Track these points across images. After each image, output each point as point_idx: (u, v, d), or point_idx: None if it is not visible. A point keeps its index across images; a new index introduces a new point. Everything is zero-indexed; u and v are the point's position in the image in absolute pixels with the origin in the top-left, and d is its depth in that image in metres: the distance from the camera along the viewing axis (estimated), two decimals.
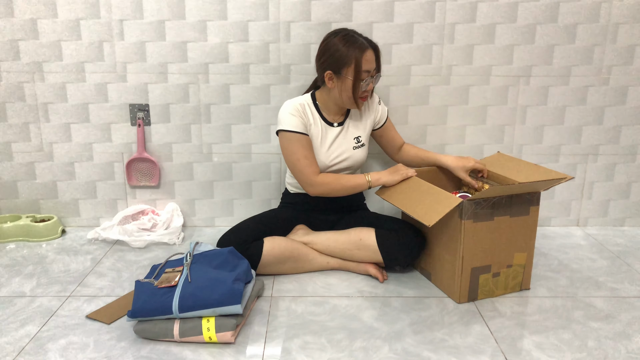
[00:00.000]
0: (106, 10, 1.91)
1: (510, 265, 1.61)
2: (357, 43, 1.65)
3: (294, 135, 1.70)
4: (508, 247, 1.59)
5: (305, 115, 1.74)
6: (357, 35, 1.68)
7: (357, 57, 1.64)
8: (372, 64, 1.67)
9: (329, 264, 1.76)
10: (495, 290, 1.62)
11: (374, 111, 1.86)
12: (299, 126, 1.70)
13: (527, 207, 1.58)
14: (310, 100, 1.78)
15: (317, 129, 1.76)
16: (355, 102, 1.71)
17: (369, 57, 1.66)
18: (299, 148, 1.70)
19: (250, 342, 1.37)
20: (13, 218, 2.06)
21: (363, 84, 1.67)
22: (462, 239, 1.53)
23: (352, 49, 1.64)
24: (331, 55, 1.67)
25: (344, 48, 1.65)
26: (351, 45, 1.65)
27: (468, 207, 1.50)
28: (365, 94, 1.72)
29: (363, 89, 1.69)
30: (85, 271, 1.76)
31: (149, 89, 1.99)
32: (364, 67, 1.65)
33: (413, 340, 1.38)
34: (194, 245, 1.57)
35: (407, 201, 1.62)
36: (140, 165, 2.07)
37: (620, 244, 2.03)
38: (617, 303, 1.58)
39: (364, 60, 1.64)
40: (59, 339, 1.38)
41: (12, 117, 2.00)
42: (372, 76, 1.69)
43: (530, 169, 1.70)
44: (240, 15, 1.92)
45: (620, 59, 2.00)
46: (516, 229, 1.58)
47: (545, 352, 1.34)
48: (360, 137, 1.82)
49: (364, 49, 1.65)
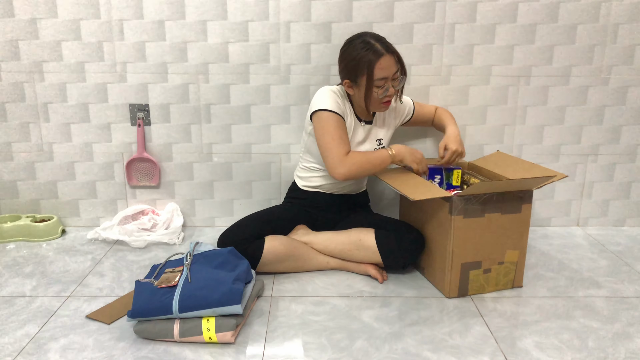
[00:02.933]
0: (106, 10, 1.91)
1: (502, 262, 1.62)
2: (372, 50, 1.61)
3: (331, 115, 1.66)
4: (499, 244, 1.60)
5: (344, 102, 1.73)
6: (373, 41, 1.62)
7: (370, 66, 1.60)
8: (389, 70, 1.63)
9: (329, 263, 1.76)
10: (486, 286, 1.63)
11: (400, 115, 1.89)
12: (338, 108, 1.68)
13: (519, 205, 1.59)
14: (345, 93, 1.76)
15: (350, 122, 1.75)
16: (373, 108, 1.71)
17: (385, 64, 1.61)
18: (336, 128, 1.66)
19: (250, 342, 1.37)
20: (13, 218, 2.06)
21: (381, 91, 1.64)
22: (452, 235, 1.54)
23: (365, 58, 1.61)
24: (347, 64, 1.66)
25: (359, 57, 1.62)
26: (365, 53, 1.61)
27: (458, 203, 1.51)
28: (387, 98, 1.69)
29: (382, 95, 1.66)
30: (85, 271, 1.76)
31: (149, 89, 1.99)
32: (378, 75, 1.61)
33: (413, 340, 1.39)
34: (194, 245, 1.57)
35: (398, 182, 1.64)
36: (140, 165, 2.07)
37: (620, 244, 2.03)
38: (617, 303, 1.58)
39: (377, 68, 1.61)
40: (59, 339, 1.38)
41: (12, 117, 2.00)
42: (394, 79, 1.66)
43: (525, 168, 1.71)
44: (240, 15, 1.92)
45: (620, 59, 2.00)
46: (508, 226, 1.59)
47: (545, 352, 1.34)
48: (382, 140, 1.83)
49: (379, 56, 1.60)
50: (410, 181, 1.65)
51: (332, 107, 1.67)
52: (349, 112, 1.75)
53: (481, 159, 1.89)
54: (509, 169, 1.72)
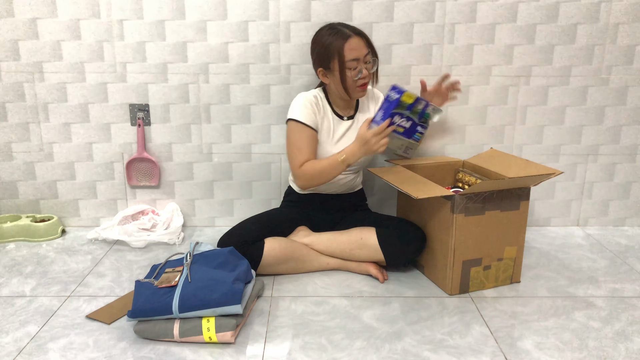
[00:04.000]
0: (106, 10, 1.91)
1: (501, 258, 1.64)
2: (340, 33, 1.65)
3: (297, 124, 1.71)
4: (499, 241, 1.62)
5: (318, 108, 1.75)
6: (340, 27, 1.67)
7: (339, 47, 1.64)
8: (359, 51, 1.66)
9: (329, 264, 1.76)
10: (486, 282, 1.64)
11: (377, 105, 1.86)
12: (309, 119, 1.71)
13: (518, 202, 1.61)
14: (322, 94, 1.80)
15: (329, 122, 1.77)
16: (351, 92, 1.71)
17: (354, 45, 1.65)
18: (299, 139, 1.71)
19: (250, 342, 1.37)
20: (13, 218, 2.06)
21: (354, 73, 1.67)
22: (454, 233, 1.55)
23: (334, 41, 1.65)
24: (317, 52, 1.70)
25: (327, 42, 1.66)
26: (333, 37, 1.66)
27: (460, 202, 1.52)
28: (362, 81, 1.70)
29: (356, 77, 1.68)
30: (85, 271, 1.76)
31: (149, 89, 1.99)
32: (349, 56, 1.65)
33: (413, 340, 1.38)
34: (194, 245, 1.57)
35: (399, 180, 1.64)
36: (140, 165, 2.07)
37: (621, 243, 2.03)
38: (617, 303, 1.58)
39: (347, 49, 1.64)
40: (59, 339, 1.38)
41: (12, 117, 2.00)
42: (367, 62, 1.68)
43: (522, 165, 1.72)
44: (240, 15, 1.92)
45: (620, 59, 2.00)
46: (507, 223, 1.61)
47: (545, 352, 1.34)
48: None
49: (346, 37, 1.64)
50: (411, 179, 1.66)
51: (299, 117, 1.71)
52: (325, 114, 1.77)
53: (476, 157, 1.91)
54: (505, 167, 1.74)
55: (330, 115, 1.78)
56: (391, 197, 2.12)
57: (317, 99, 1.77)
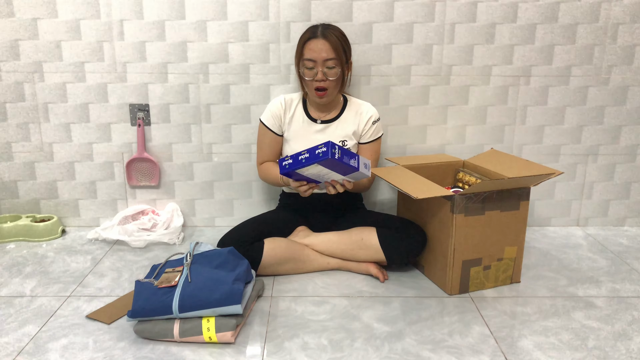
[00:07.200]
0: (106, 10, 1.91)
1: (501, 258, 1.64)
2: (309, 32, 1.70)
3: (263, 128, 1.83)
4: (498, 241, 1.62)
5: (286, 110, 1.80)
6: (318, 27, 1.71)
7: (302, 43, 1.70)
8: (318, 53, 1.66)
9: (329, 264, 1.76)
10: (486, 282, 1.65)
11: (358, 123, 1.80)
12: (270, 122, 1.81)
13: (517, 202, 1.61)
14: (300, 97, 1.84)
15: (298, 123, 1.81)
16: (309, 92, 1.74)
17: (315, 47, 1.66)
18: (261, 141, 1.85)
19: (250, 342, 1.37)
20: (13, 218, 2.06)
21: (308, 72, 1.69)
22: (454, 233, 1.56)
23: (301, 37, 1.71)
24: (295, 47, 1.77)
25: (299, 38, 1.72)
26: (304, 33, 1.71)
27: (460, 202, 1.53)
28: (316, 84, 1.69)
29: (309, 78, 1.69)
30: (85, 271, 1.76)
31: (149, 89, 1.99)
32: (306, 55, 1.68)
33: (413, 340, 1.38)
34: (194, 245, 1.57)
35: (400, 181, 1.65)
36: (140, 165, 2.07)
37: (621, 243, 2.03)
38: (617, 303, 1.58)
39: (306, 48, 1.68)
40: (59, 339, 1.38)
41: (12, 117, 2.00)
42: (328, 67, 1.67)
43: (522, 165, 1.72)
44: (240, 15, 1.92)
45: (620, 59, 2.00)
46: (506, 223, 1.61)
47: (545, 352, 1.34)
48: (346, 142, 1.80)
49: (311, 37, 1.68)
50: (411, 180, 1.66)
51: (263, 119, 1.82)
52: (296, 115, 1.80)
53: (476, 157, 1.90)
54: (505, 167, 1.74)
55: (301, 116, 1.81)
56: (391, 197, 2.12)
57: (289, 100, 1.81)
